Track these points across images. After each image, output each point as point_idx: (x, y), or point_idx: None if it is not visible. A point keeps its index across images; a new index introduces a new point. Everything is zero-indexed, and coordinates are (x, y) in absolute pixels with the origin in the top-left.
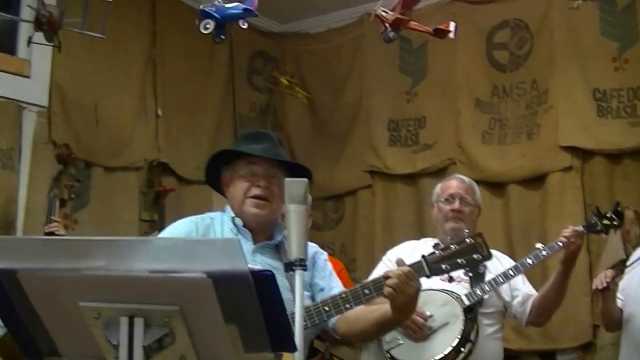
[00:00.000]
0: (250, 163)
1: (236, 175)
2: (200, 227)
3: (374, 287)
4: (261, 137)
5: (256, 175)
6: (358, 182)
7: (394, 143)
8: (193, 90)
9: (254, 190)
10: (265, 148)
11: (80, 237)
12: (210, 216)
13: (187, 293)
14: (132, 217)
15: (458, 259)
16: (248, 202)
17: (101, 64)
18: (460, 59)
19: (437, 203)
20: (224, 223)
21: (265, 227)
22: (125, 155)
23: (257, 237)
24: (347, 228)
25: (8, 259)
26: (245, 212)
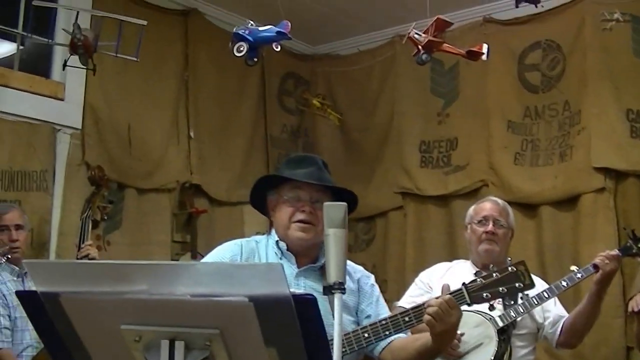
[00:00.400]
0: (295, 188)
1: (281, 200)
2: (244, 251)
3: (414, 315)
4: (306, 161)
5: (301, 201)
6: (389, 203)
7: (425, 164)
8: (225, 111)
9: (298, 215)
10: (309, 173)
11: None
12: (256, 239)
13: (228, 316)
14: (165, 239)
15: (499, 288)
16: (293, 226)
17: (134, 86)
18: (492, 80)
19: (471, 225)
20: (269, 247)
21: (310, 251)
22: (157, 176)
23: (301, 260)
24: (378, 249)
25: (51, 282)
26: (290, 236)
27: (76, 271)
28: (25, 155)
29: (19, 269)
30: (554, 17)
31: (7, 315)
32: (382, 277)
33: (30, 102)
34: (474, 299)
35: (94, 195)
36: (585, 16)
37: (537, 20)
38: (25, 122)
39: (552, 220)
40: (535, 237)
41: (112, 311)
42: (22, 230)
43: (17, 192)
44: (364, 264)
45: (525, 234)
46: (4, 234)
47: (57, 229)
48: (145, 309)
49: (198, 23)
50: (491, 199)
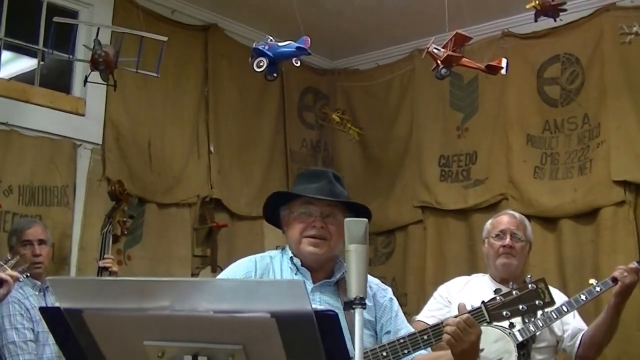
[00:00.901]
0: (306, 203)
1: (292, 216)
2: (259, 267)
3: (433, 334)
4: (318, 175)
5: (312, 216)
6: (409, 217)
7: (445, 178)
8: (245, 126)
9: (309, 231)
10: (320, 187)
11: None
12: (270, 255)
13: (250, 332)
14: (185, 253)
15: (519, 306)
16: (305, 241)
17: (154, 101)
18: (511, 94)
19: (488, 239)
20: (283, 262)
21: (325, 265)
22: (178, 191)
23: (316, 275)
24: (398, 262)
25: (74, 298)
26: (302, 251)
27: (99, 288)
28: (47, 171)
29: (41, 284)
30: (573, 31)
31: (31, 329)
32: (402, 291)
33: (51, 118)
34: (493, 317)
35: (114, 210)
36: (604, 29)
37: (556, 34)
38: (46, 138)
39: (572, 233)
40: (555, 251)
41: (135, 327)
42: (44, 245)
43: (38, 207)
44: (383, 277)
45: (546, 248)
46: (27, 249)
47: (77, 244)
48: (168, 325)
49: (218, 38)
50: (508, 213)
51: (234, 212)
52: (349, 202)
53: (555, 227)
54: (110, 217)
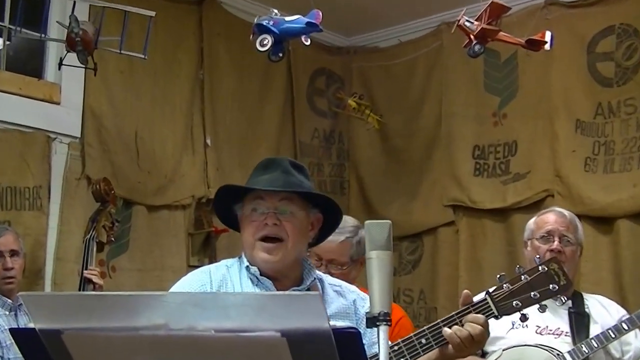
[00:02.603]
0: (256, 199)
1: (243, 216)
2: (214, 279)
3: (432, 336)
4: (271, 165)
5: (263, 213)
6: (438, 218)
7: (480, 173)
8: (246, 115)
9: (262, 231)
10: (272, 178)
11: (135, 292)
12: (227, 264)
13: (258, 354)
14: (179, 263)
15: (531, 293)
16: (258, 245)
17: (142, 87)
18: (557, 73)
19: (532, 241)
20: (242, 272)
21: (288, 272)
22: (170, 191)
23: (281, 284)
24: (426, 272)
25: (52, 318)
26: (255, 258)
27: (81, 304)
28: (16, 169)
29: (12, 302)
30: None
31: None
32: (431, 304)
33: (21, 107)
34: (502, 309)
35: (99, 212)
36: None
37: (609, 1)
38: (15, 130)
39: (631, 235)
40: (611, 256)
41: (124, 350)
42: (17, 257)
43: (6, 212)
44: (409, 289)
45: (599, 253)
46: None
47: (53, 254)
48: (163, 346)
49: (214, 13)
50: (556, 210)
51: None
52: (308, 194)
53: (611, 228)
54: (95, 221)
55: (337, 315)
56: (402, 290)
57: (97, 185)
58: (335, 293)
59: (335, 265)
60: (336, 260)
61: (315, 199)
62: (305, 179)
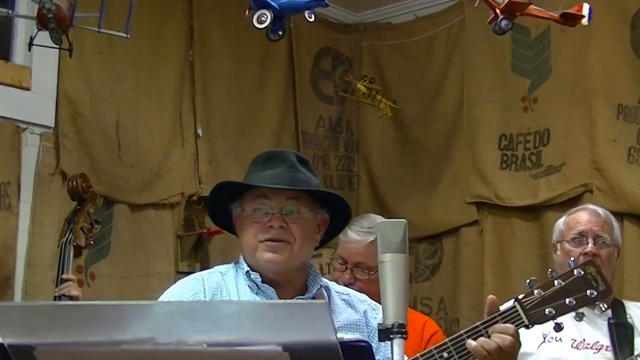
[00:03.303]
0: (260, 197)
1: (244, 216)
2: (208, 287)
3: (456, 350)
4: (274, 159)
5: (268, 214)
6: (460, 217)
7: (507, 165)
8: (243, 102)
9: (265, 233)
10: (277, 174)
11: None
12: (221, 270)
13: None
14: (167, 269)
15: (566, 299)
16: (262, 246)
17: (124, 70)
18: (596, 52)
19: (562, 244)
20: (239, 279)
21: (292, 278)
22: (156, 188)
23: (283, 291)
24: (447, 278)
25: (23, 331)
26: (259, 260)
27: (57, 316)
28: None
29: None
30: None
31: None
32: (453, 316)
33: None
34: (533, 318)
35: (76, 212)
36: None
37: None
38: None
39: None
40: None
41: None
42: None
43: None
44: (428, 298)
45: None
46: None
47: (24, 259)
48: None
49: None
50: (588, 208)
51: None
52: (319, 192)
53: None
54: (72, 222)
55: (345, 327)
56: (419, 299)
57: (74, 182)
58: (343, 302)
59: (362, 270)
60: (364, 264)
61: (323, 197)
62: (312, 175)
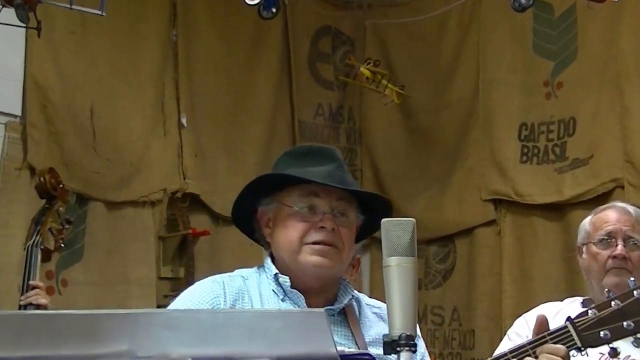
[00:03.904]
0: (309, 194)
1: (287, 212)
2: (229, 291)
3: None
4: (321, 154)
5: (318, 213)
6: (476, 216)
7: (528, 158)
8: (232, 87)
9: (315, 235)
10: (329, 172)
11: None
12: (242, 275)
13: None
14: (147, 275)
15: (623, 322)
16: (306, 249)
17: (99, 52)
18: (628, 30)
19: (588, 246)
20: (262, 284)
21: (327, 286)
22: (135, 184)
23: (313, 300)
24: (461, 284)
25: None
26: (302, 263)
27: (25, 327)
28: None
29: None
30: None
31: None
32: (468, 327)
33: None
34: (586, 340)
35: (44, 212)
36: None
37: None
38: None
39: None
40: None
41: None
42: None
43: None
44: (439, 307)
45: None
46: None
47: None
48: None
49: None
50: (617, 206)
51: (219, 214)
52: (371, 195)
53: None
54: (39, 223)
55: (376, 342)
56: (429, 308)
57: (42, 177)
58: (375, 316)
59: None
60: None
61: (370, 201)
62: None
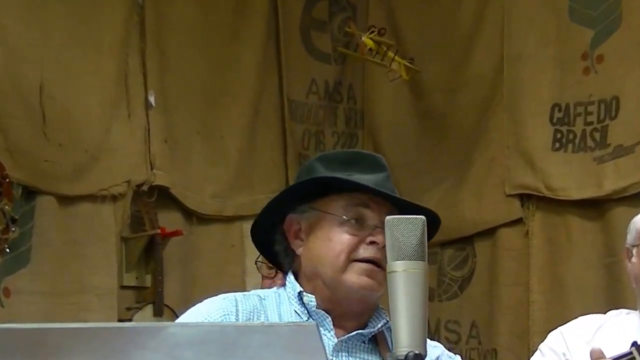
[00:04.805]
0: (358, 204)
1: (330, 222)
2: (242, 310)
3: None
4: (367, 162)
5: (367, 226)
6: (498, 214)
7: (562, 145)
8: (210, 60)
9: (364, 251)
10: (379, 181)
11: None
12: (259, 294)
13: None
14: (107, 283)
15: None
16: (355, 267)
17: (50, 18)
18: None
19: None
20: (283, 304)
21: (366, 311)
22: (94, 175)
23: (342, 324)
24: (481, 295)
25: None
26: (347, 282)
27: None
28: None
29: None
30: None
31: None
32: (489, 345)
33: None
34: None
35: None
36: None
37: None
38: None
39: None
40: None
41: None
42: None
43: None
44: (454, 321)
45: None
46: None
47: None
48: None
49: None
50: None
51: (193, 211)
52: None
53: None
54: None
55: None
56: (443, 323)
57: None
58: None
59: None
60: None
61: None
62: None
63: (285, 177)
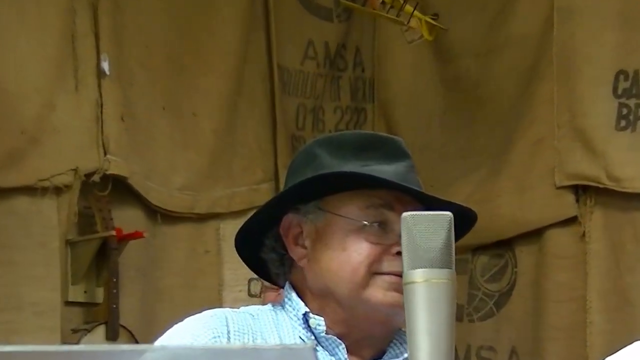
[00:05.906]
0: (380, 205)
1: (345, 227)
2: (233, 329)
3: None
4: (385, 147)
5: (391, 232)
6: (546, 211)
7: (629, 123)
8: (178, 18)
9: (389, 263)
10: (402, 173)
11: None
12: (251, 312)
13: None
14: (48, 297)
15: None
16: (379, 282)
17: None
18: None
19: None
20: (282, 326)
21: (384, 334)
22: (31, 161)
23: (358, 352)
24: (523, 313)
25: None
26: (370, 300)
27: None
28: None
29: None
30: None
31: None
32: None
33: None
34: None
35: None
36: None
37: None
38: None
39: None
40: None
41: None
42: None
43: None
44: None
45: None
46: None
47: None
48: None
49: None
50: None
51: (157, 207)
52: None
53: None
54: None
55: None
56: (474, 350)
57: None
58: None
59: None
60: None
61: None
62: None
63: (273, 165)
